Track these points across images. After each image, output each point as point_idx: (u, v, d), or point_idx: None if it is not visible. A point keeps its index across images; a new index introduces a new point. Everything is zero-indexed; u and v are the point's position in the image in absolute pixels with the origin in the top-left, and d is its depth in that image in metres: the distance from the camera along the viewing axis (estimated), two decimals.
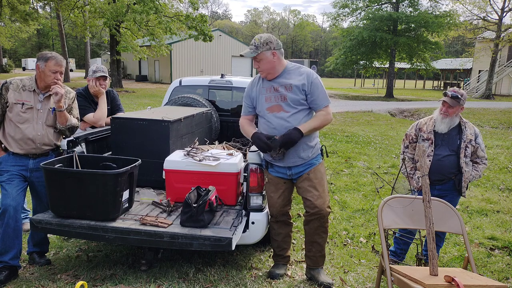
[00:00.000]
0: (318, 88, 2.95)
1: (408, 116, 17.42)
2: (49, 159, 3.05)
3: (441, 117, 3.20)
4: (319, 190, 3.00)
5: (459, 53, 56.05)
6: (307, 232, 3.12)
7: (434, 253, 2.38)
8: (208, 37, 23.13)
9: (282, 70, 2.99)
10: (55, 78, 3.05)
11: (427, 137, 3.25)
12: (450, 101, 3.13)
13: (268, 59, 2.91)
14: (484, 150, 3.25)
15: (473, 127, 3.25)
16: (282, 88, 2.95)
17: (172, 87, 5.31)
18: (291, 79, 2.95)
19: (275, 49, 2.92)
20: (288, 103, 2.93)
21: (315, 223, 3.04)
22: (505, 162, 7.90)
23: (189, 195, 2.87)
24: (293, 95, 2.92)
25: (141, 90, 25.13)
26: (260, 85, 3.06)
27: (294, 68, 3.02)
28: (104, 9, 21.24)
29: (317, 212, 2.99)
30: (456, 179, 3.21)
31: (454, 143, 3.21)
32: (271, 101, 2.98)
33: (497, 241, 4.05)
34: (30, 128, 3.04)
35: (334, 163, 7.48)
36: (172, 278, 3.04)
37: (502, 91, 30.92)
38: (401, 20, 25.73)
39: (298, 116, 2.94)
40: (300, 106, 2.94)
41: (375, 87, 38.12)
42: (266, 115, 3.01)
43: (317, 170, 3.04)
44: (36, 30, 39.09)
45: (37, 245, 3.32)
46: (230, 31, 72.56)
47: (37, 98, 3.09)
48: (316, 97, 2.94)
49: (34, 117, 3.06)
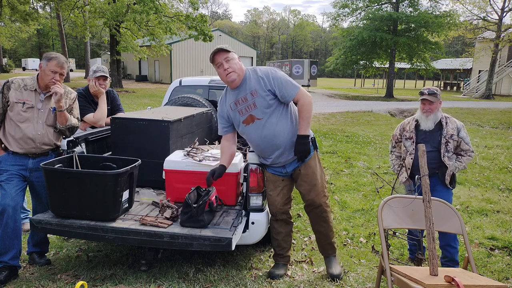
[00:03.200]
0: (281, 80, 2.88)
1: (408, 116, 17.37)
2: (49, 159, 3.05)
3: (425, 116, 3.29)
4: (311, 184, 3.08)
5: (459, 53, 56.06)
6: (310, 222, 3.30)
7: (434, 253, 2.38)
8: (208, 37, 23.12)
9: (243, 76, 2.94)
10: (54, 79, 3.05)
11: (409, 136, 3.37)
12: (429, 97, 3.24)
13: (236, 59, 2.90)
14: (469, 143, 3.27)
15: (455, 122, 3.30)
16: (249, 96, 2.90)
17: (172, 87, 5.31)
18: (253, 84, 2.90)
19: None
20: (259, 109, 2.89)
21: (312, 214, 3.19)
22: (505, 162, 7.90)
23: (189, 195, 2.87)
24: (260, 99, 2.88)
25: (141, 90, 25.12)
26: (229, 102, 2.99)
27: (252, 72, 2.96)
28: (104, 9, 21.24)
29: (310, 204, 3.12)
30: (440, 172, 3.26)
31: (435, 139, 3.27)
32: (243, 113, 2.94)
33: (497, 241, 4.05)
34: (30, 128, 3.05)
35: (334, 163, 7.48)
36: (172, 278, 3.04)
37: (502, 91, 30.92)
38: (401, 20, 25.72)
39: (272, 120, 2.91)
40: (270, 108, 2.90)
41: (375, 87, 38.11)
42: (245, 130, 2.99)
43: (308, 165, 3.08)
44: (36, 30, 39.08)
45: (37, 245, 3.31)
46: (230, 31, 72.59)
47: (38, 98, 3.09)
48: (284, 89, 2.87)
49: (34, 116, 3.07)
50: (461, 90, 36.06)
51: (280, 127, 2.92)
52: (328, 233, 3.22)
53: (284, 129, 2.94)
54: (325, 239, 3.23)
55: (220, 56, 2.85)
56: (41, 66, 3.07)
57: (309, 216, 3.24)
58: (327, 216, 3.18)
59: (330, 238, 3.24)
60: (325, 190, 3.17)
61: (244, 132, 3.03)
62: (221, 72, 2.88)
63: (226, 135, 3.10)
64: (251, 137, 3.02)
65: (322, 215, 3.16)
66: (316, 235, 3.30)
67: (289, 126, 2.96)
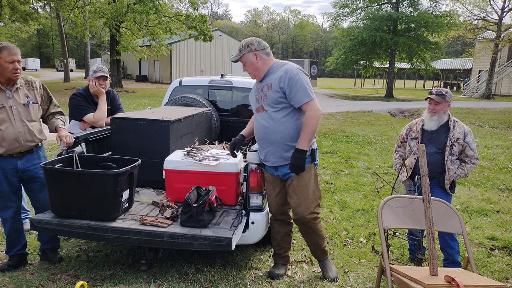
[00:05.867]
0: (297, 84, 2.85)
1: (408, 116, 17.41)
2: (35, 156, 3.12)
3: (429, 115, 3.27)
4: (301, 198, 2.97)
5: (459, 53, 56.03)
6: (300, 231, 3.25)
7: (434, 253, 2.38)
8: (208, 37, 23.13)
9: (267, 70, 2.99)
10: (14, 68, 2.93)
11: (415, 136, 3.34)
12: (436, 97, 3.21)
13: (251, 60, 2.94)
14: (474, 149, 3.23)
15: (463, 126, 3.28)
16: (265, 88, 2.97)
17: (172, 87, 5.30)
18: (272, 77, 2.95)
19: (256, 50, 2.94)
20: (268, 103, 2.95)
21: (301, 227, 3.12)
22: (505, 162, 7.90)
23: (189, 195, 2.87)
24: (272, 94, 2.92)
25: (141, 90, 25.12)
26: (255, 87, 3.13)
27: (278, 66, 2.99)
28: (104, 9, 21.24)
29: (298, 219, 3.03)
30: (440, 177, 3.24)
31: (440, 141, 3.25)
32: (258, 102, 3.03)
33: (497, 241, 4.05)
34: (10, 128, 2.98)
35: (334, 163, 7.48)
36: (172, 278, 3.04)
37: (502, 91, 30.91)
38: (401, 20, 25.71)
39: (277, 116, 2.92)
40: (280, 105, 2.91)
41: (375, 87, 38.10)
42: (256, 116, 3.09)
43: (301, 177, 2.97)
44: (36, 30, 38.98)
45: (48, 242, 3.39)
46: (230, 31, 72.54)
47: (5, 96, 2.99)
48: (295, 93, 2.84)
49: (9, 115, 2.99)
50: (461, 90, 36.06)
51: (280, 126, 2.92)
52: (318, 242, 3.15)
53: (284, 129, 2.92)
54: (316, 247, 3.18)
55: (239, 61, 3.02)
56: None
57: (299, 227, 3.16)
58: (316, 227, 3.08)
59: (321, 245, 3.18)
60: (316, 204, 3.04)
61: (254, 119, 3.12)
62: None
63: None
64: (256, 125, 3.08)
65: (311, 228, 3.07)
66: (307, 242, 3.26)
67: (290, 130, 2.92)
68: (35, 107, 3.15)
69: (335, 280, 3.11)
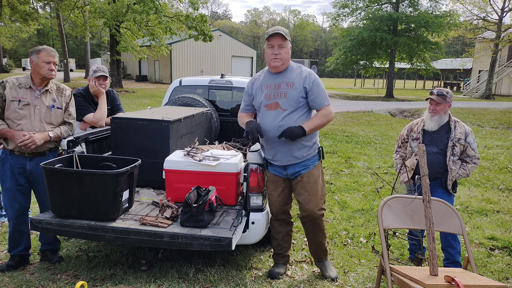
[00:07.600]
0: (319, 87, 2.98)
1: (408, 116, 17.41)
2: (47, 159, 3.07)
3: (430, 115, 3.27)
4: (311, 194, 3.02)
5: (459, 53, 56.05)
6: (304, 230, 3.23)
7: (434, 253, 2.38)
8: (208, 37, 23.13)
9: (287, 66, 3.02)
10: (49, 69, 3.09)
11: (416, 137, 3.34)
12: (437, 98, 3.21)
13: (288, 48, 2.97)
14: (475, 149, 3.24)
15: (464, 126, 3.28)
16: (284, 85, 2.97)
17: (172, 87, 5.31)
18: (294, 76, 2.98)
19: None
20: (288, 100, 2.94)
21: (308, 224, 3.12)
22: (505, 162, 7.90)
23: (189, 195, 2.87)
24: (293, 92, 2.94)
25: (141, 90, 25.12)
26: (261, 81, 3.07)
27: (296, 66, 3.07)
28: (104, 9, 21.23)
29: (308, 215, 3.05)
30: (442, 177, 3.24)
31: (442, 142, 3.24)
32: (270, 98, 2.99)
33: (497, 241, 4.05)
34: (27, 124, 3.06)
35: (334, 163, 7.48)
36: (172, 278, 3.04)
37: (502, 91, 30.90)
38: (401, 20, 25.71)
39: (294, 116, 2.95)
40: (299, 104, 2.95)
41: (375, 87, 38.11)
42: (265, 113, 3.03)
43: (311, 174, 3.03)
44: (36, 30, 39.05)
45: (48, 244, 3.40)
46: (230, 31, 72.54)
47: (33, 95, 3.11)
48: (317, 95, 2.97)
49: (31, 113, 3.08)
50: (461, 90, 36.04)
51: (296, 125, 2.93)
52: (322, 241, 3.18)
53: None
54: (319, 246, 3.20)
55: (277, 39, 2.91)
56: (32, 61, 3.10)
57: (304, 226, 3.17)
58: (322, 224, 3.13)
59: (324, 244, 3.21)
60: (323, 200, 3.11)
61: (263, 115, 3.04)
62: (268, 53, 2.94)
63: (245, 113, 3.18)
64: (266, 122, 3.00)
65: (319, 225, 3.10)
66: (309, 242, 3.25)
67: None
68: (58, 112, 3.22)
69: (335, 280, 3.11)
